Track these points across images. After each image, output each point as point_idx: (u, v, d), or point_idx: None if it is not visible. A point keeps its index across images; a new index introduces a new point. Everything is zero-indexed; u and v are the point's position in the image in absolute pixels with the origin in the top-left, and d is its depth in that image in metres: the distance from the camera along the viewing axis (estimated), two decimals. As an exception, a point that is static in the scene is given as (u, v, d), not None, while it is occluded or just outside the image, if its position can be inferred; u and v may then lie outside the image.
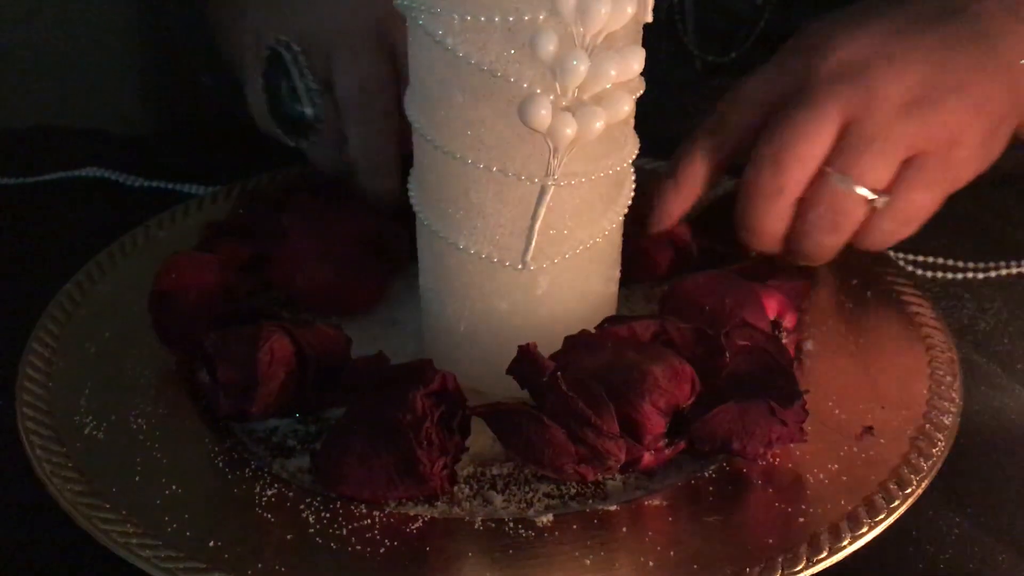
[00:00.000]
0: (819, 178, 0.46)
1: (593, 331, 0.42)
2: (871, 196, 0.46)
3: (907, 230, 0.48)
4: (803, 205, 0.47)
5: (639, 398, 0.38)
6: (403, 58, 0.50)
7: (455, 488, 0.39)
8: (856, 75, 0.45)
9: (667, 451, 0.39)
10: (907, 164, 0.46)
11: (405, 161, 0.49)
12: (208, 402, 0.43)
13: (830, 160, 0.46)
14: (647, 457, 0.39)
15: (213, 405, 0.42)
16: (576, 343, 0.41)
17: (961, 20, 0.47)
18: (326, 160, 0.54)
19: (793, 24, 0.57)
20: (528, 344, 0.40)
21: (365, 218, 0.51)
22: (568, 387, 0.38)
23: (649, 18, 0.39)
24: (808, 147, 0.45)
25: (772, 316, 0.45)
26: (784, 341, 0.44)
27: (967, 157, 0.47)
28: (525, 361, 0.40)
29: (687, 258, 0.51)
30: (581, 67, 0.36)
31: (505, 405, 0.39)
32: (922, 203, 0.47)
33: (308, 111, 0.53)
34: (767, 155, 0.46)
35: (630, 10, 0.36)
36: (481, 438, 0.41)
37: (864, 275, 0.51)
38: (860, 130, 0.45)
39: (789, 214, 0.47)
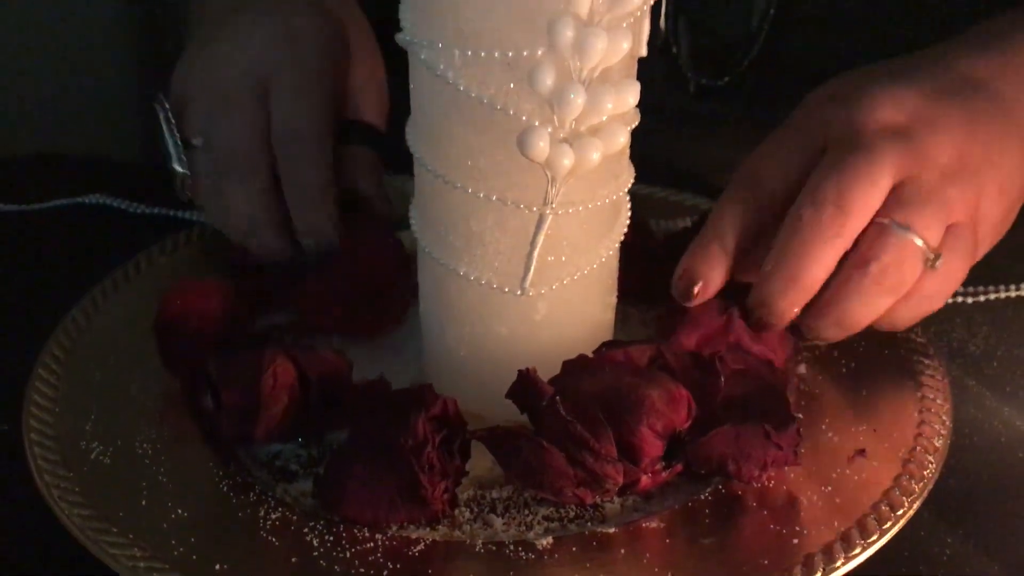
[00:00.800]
0: (875, 230, 0.43)
1: (591, 355, 0.42)
2: (930, 254, 0.43)
3: (935, 304, 0.45)
4: (853, 260, 0.43)
5: (636, 422, 0.39)
6: (272, 101, 0.51)
7: (456, 511, 0.40)
8: (904, 135, 0.44)
9: (664, 474, 0.40)
10: (948, 231, 0.44)
11: (288, 218, 0.51)
12: (212, 426, 0.44)
13: (886, 212, 0.43)
14: (644, 480, 0.40)
15: (217, 429, 0.43)
16: (574, 367, 0.42)
17: (984, 95, 0.46)
18: (218, 221, 0.53)
19: (786, 48, 0.58)
20: (527, 369, 0.40)
21: (383, 245, 0.52)
22: (567, 411, 0.39)
23: (644, 52, 0.41)
24: (871, 192, 0.43)
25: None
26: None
27: (986, 232, 0.46)
28: (524, 385, 0.40)
29: None
30: (578, 100, 0.37)
31: (504, 429, 0.40)
32: (957, 274, 0.45)
33: (177, 168, 0.52)
34: (828, 197, 0.42)
35: (625, 46, 0.37)
36: (481, 461, 0.41)
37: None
38: (916, 187, 0.43)
39: (833, 267, 0.43)
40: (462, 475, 0.40)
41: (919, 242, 0.43)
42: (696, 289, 0.44)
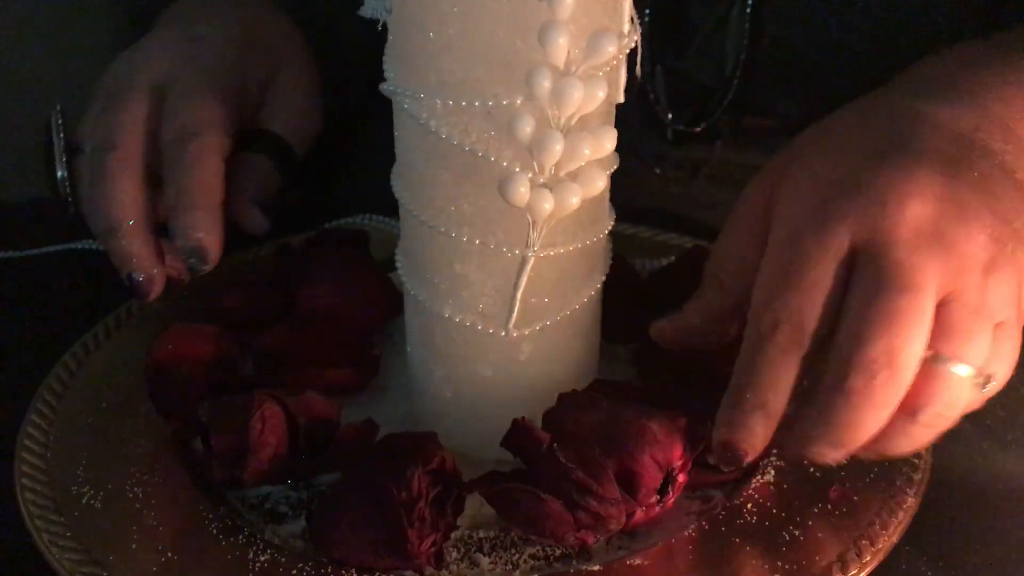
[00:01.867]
0: (923, 371, 0.38)
1: (580, 393, 0.43)
2: (981, 378, 0.39)
3: (973, 408, 0.41)
4: (902, 407, 0.38)
5: (640, 451, 0.39)
6: (165, 99, 0.50)
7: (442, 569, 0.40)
8: (938, 238, 0.38)
9: (657, 508, 0.41)
10: (994, 335, 0.39)
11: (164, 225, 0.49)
12: (203, 470, 0.44)
13: (932, 343, 0.38)
14: (639, 514, 0.40)
15: (207, 473, 0.44)
16: (569, 401, 0.42)
17: (980, 155, 0.41)
18: (91, 223, 0.50)
19: (760, 95, 0.59)
20: (521, 419, 0.40)
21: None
22: (566, 458, 0.39)
23: (621, 99, 0.42)
24: (922, 335, 0.37)
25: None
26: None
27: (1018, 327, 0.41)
28: (519, 434, 0.41)
29: None
30: (557, 147, 0.38)
31: (501, 486, 0.40)
32: (1005, 379, 0.40)
33: (58, 171, 0.51)
34: (879, 359, 0.37)
35: (601, 94, 0.38)
36: (471, 502, 0.42)
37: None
38: (961, 305, 0.38)
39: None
40: (451, 531, 0.40)
41: (970, 372, 0.38)
42: (744, 459, 0.40)
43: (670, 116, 0.61)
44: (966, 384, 0.39)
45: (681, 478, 0.41)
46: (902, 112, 0.43)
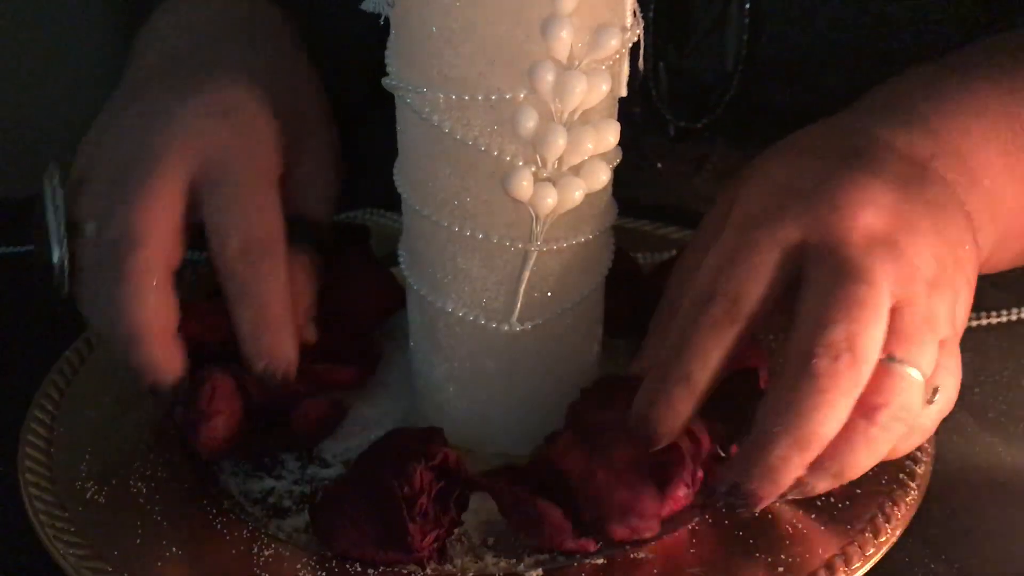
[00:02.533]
0: (879, 371, 0.38)
1: (602, 385, 0.43)
2: (932, 394, 0.39)
3: (930, 433, 0.42)
4: (859, 408, 0.38)
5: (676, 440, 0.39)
6: (213, 204, 0.43)
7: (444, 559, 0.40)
8: (891, 245, 0.39)
9: (683, 501, 0.41)
10: (940, 351, 0.40)
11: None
12: (182, 442, 0.45)
13: (886, 346, 0.38)
14: (666, 508, 0.40)
15: (184, 444, 0.44)
16: (592, 395, 0.43)
17: (931, 182, 0.42)
18: (100, 326, 0.44)
19: (761, 92, 0.59)
20: (544, 460, 0.40)
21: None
22: (605, 478, 0.39)
23: (623, 93, 0.42)
24: (880, 327, 0.38)
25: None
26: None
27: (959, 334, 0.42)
28: (545, 472, 0.40)
29: None
30: (560, 141, 0.38)
31: (501, 488, 0.40)
32: (953, 395, 0.41)
33: (55, 252, 0.43)
34: (840, 344, 0.37)
35: (604, 88, 0.38)
36: (477, 494, 0.42)
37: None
38: (912, 312, 0.38)
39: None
40: (455, 526, 0.40)
41: (920, 377, 0.38)
42: (656, 439, 0.39)
43: (672, 112, 0.61)
44: (918, 389, 0.39)
45: (700, 474, 0.41)
46: (861, 134, 0.43)
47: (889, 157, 0.42)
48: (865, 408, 0.38)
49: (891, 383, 0.38)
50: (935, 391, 0.40)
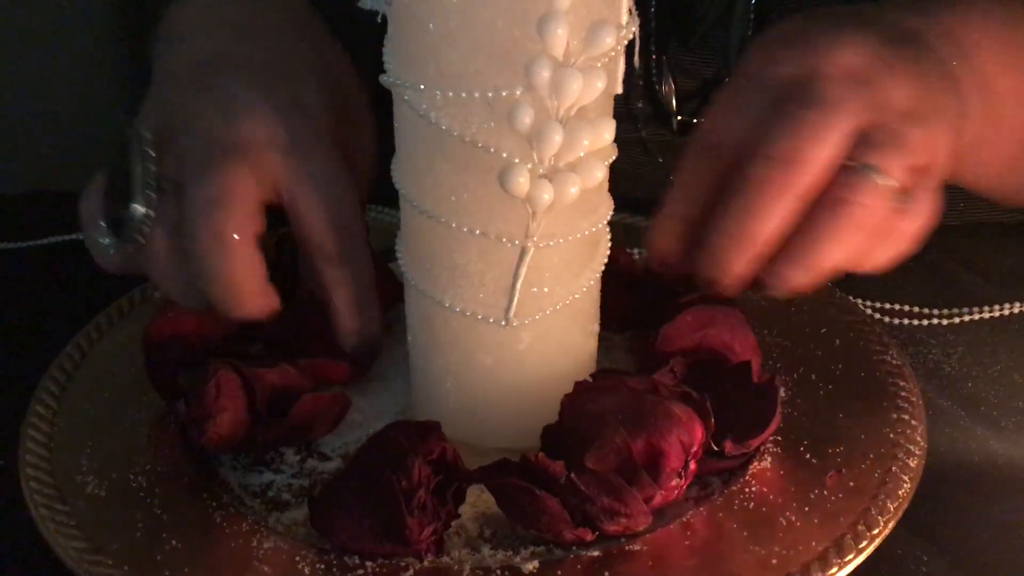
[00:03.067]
0: (843, 173, 0.42)
1: (592, 381, 0.43)
2: (899, 194, 0.42)
3: (909, 245, 0.44)
4: (822, 203, 0.42)
5: (667, 430, 0.40)
6: (299, 191, 0.45)
7: (441, 549, 0.40)
8: (863, 81, 0.43)
9: (674, 493, 0.41)
10: (914, 173, 0.43)
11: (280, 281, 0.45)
12: (185, 438, 0.45)
13: (853, 157, 0.42)
14: (657, 498, 0.41)
15: (187, 440, 0.45)
16: (586, 388, 0.43)
17: (924, 46, 0.45)
18: (159, 278, 0.46)
19: None
20: (535, 455, 0.40)
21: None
22: (587, 487, 0.39)
23: (619, 90, 0.42)
24: (827, 141, 0.41)
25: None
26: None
27: (935, 184, 0.45)
28: (533, 471, 0.40)
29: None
30: (556, 138, 0.38)
31: (499, 480, 0.41)
32: (927, 214, 0.43)
33: (138, 209, 0.44)
34: (780, 152, 0.41)
35: (600, 85, 0.38)
36: (475, 488, 0.42)
37: (833, 324, 0.53)
38: (880, 130, 0.42)
39: (788, 222, 0.42)
40: (453, 519, 0.41)
41: (887, 182, 0.42)
42: (658, 263, 0.45)
43: (675, 107, 0.62)
44: (882, 191, 0.42)
45: (693, 466, 0.41)
46: (859, 12, 0.47)
47: (879, 22, 0.46)
48: (826, 203, 0.42)
49: (852, 181, 0.42)
50: (906, 196, 0.42)
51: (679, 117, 0.62)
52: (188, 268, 0.45)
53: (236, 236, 0.44)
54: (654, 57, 0.61)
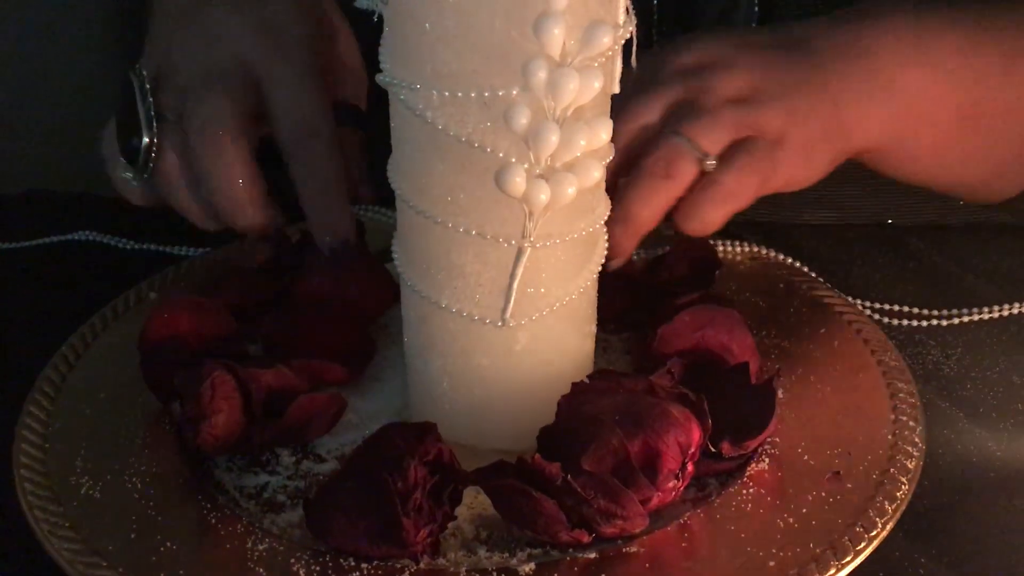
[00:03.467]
0: (652, 140, 0.51)
1: (594, 380, 0.43)
2: (701, 154, 0.50)
3: (723, 209, 0.50)
4: (639, 160, 0.50)
5: (665, 431, 0.40)
6: (272, 97, 0.52)
7: (437, 552, 0.40)
8: (698, 72, 0.51)
9: (671, 494, 0.41)
10: (734, 145, 0.50)
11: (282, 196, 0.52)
12: (182, 439, 0.45)
13: (668, 125, 0.50)
14: (654, 500, 0.40)
15: (184, 441, 0.45)
16: (583, 389, 0.43)
17: (800, 50, 0.53)
18: (175, 200, 0.54)
19: None
20: (533, 457, 0.40)
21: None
22: (583, 488, 0.39)
23: (616, 90, 0.42)
24: (639, 113, 0.51)
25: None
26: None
27: (784, 158, 0.51)
28: (530, 472, 0.40)
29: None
30: (552, 138, 0.38)
31: (495, 481, 0.40)
32: (741, 180, 0.50)
33: (144, 139, 0.52)
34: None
35: (597, 85, 0.38)
36: (471, 489, 0.42)
37: (832, 326, 0.53)
38: (690, 106, 0.50)
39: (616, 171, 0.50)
40: (449, 520, 0.41)
41: (687, 143, 0.50)
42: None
43: None
44: (684, 151, 0.50)
45: (690, 467, 0.41)
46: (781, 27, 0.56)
47: (770, 33, 0.54)
48: (636, 164, 0.50)
49: (655, 142, 0.50)
50: (706, 156, 0.50)
51: None
52: (198, 188, 0.52)
53: (232, 145, 0.51)
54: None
